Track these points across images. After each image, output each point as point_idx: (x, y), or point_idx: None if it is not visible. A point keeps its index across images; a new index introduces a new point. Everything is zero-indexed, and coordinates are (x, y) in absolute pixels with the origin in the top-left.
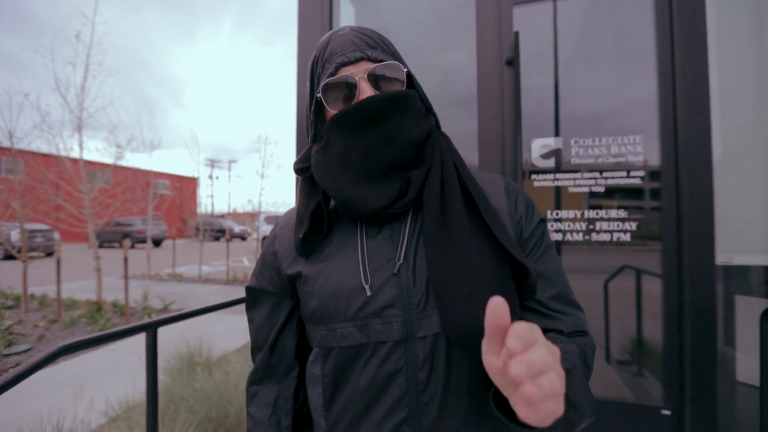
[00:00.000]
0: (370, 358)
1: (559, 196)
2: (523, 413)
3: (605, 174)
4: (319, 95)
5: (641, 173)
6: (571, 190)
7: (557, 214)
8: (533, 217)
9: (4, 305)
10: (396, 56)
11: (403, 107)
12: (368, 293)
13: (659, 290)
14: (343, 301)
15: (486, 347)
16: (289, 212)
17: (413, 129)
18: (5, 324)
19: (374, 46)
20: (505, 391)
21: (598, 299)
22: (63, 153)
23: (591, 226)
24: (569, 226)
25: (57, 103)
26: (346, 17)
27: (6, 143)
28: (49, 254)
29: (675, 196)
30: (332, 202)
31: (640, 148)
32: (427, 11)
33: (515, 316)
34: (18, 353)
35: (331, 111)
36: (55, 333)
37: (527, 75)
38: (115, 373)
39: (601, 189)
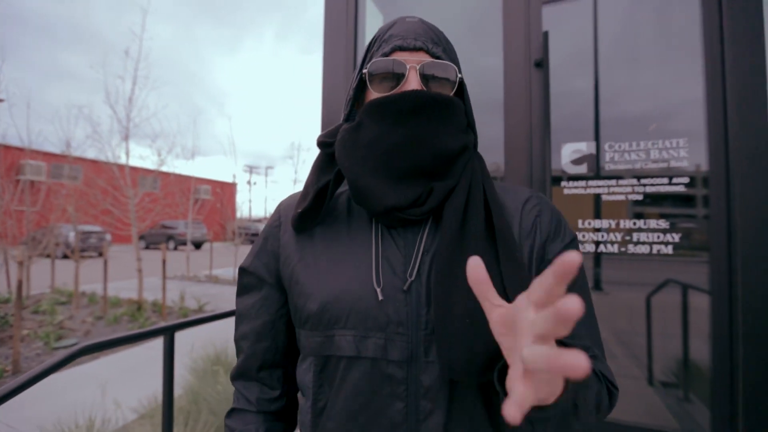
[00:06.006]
0: (367, 375)
1: (594, 205)
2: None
3: (644, 181)
4: (365, 71)
5: (685, 179)
6: (605, 198)
7: (589, 223)
8: (563, 236)
9: (58, 301)
10: (455, 61)
11: (446, 113)
12: (380, 297)
13: (707, 307)
14: (346, 307)
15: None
16: (294, 195)
17: (449, 139)
18: (58, 319)
19: (437, 42)
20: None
21: (639, 315)
22: (111, 160)
23: (628, 237)
24: (603, 236)
25: (106, 115)
26: (374, 21)
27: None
28: (101, 254)
29: (725, 203)
30: (346, 192)
31: (684, 153)
32: (456, 14)
33: None
34: (66, 347)
35: (372, 92)
36: (100, 329)
37: (557, 77)
38: (152, 370)
39: (639, 197)
